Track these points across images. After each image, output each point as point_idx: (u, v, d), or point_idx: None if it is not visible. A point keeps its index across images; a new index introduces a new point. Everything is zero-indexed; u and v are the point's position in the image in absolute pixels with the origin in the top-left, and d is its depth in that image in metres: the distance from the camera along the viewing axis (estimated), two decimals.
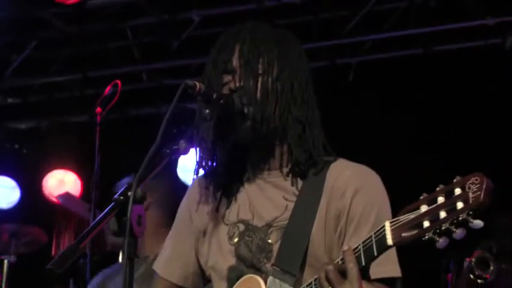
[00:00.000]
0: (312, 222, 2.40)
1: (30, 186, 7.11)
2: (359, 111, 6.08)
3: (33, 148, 7.23)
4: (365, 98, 6.12)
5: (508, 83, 5.72)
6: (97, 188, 4.85)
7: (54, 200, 6.55)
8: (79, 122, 7.02)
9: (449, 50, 5.93)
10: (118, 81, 5.42)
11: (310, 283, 2.26)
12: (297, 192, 2.45)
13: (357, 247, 2.12)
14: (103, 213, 2.12)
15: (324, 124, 2.59)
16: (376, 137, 5.96)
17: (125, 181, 4.18)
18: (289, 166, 2.48)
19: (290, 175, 2.48)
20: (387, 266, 2.37)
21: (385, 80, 6.07)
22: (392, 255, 2.38)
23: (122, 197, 2.11)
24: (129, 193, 2.10)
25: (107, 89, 5.53)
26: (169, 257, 2.68)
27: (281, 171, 2.49)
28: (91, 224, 2.12)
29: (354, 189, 2.41)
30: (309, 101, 2.50)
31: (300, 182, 2.47)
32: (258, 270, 2.43)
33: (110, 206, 2.12)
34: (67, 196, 5.95)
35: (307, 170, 2.47)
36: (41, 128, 7.36)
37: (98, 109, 5.56)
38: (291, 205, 2.44)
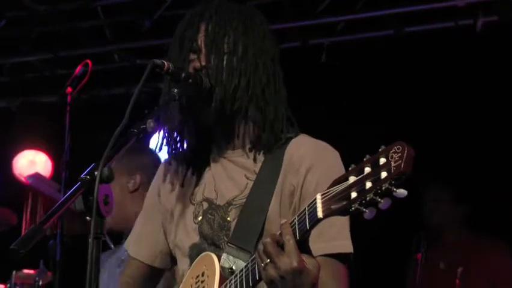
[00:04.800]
0: (270, 199, 2.41)
1: (0, 167, 7.04)
2: (331, 92, 6.09)
3: (4, 128, 7.15)
4: (338, 78, 6.12)
5: (478, 64, 5.74)
6: (67, 169, 4.82)
7: (24, 180, 6.50)
8: (50, 102, 6.96)
9: (420, 31, 5.94)
10: (89, 61, 5.37)
11: (247, 264, 2.25)
12: (257, 170, 2.45)
13: (293, 220, 2.11)
14: (68, 193, 2.10)
15: (296, 104, 2.59)
16: (348, 118, 5.98)
17: None
18: (252, 145, 2.48)
19: (252, 153, 2.48)
20: (338, 241, 2.37)
21: (358, 60, 6.07)
22: (343, 230, 2.38)
23: (88, 177, 2.10)
24: (95, 172, 2.08)
25: (78, 69, 5.48)
26: (138, 236, 2.72)
27: (244, 150, 2.50)
28: (57, 204, 2.10)
29: (308, 166, 2.42)
30: (275, 80, 2.51)
31: (261, 160, 2.47)
32: (218, 248, 2.45)
33: (76, 186, 2.11)
34: (36, 177, 5.90)
35: (270, 148, 2.47)
36: (11, 108, 7.28)
37: (69, 89, 5.51)
38: (251, 183, 2.45)
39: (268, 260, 2.10)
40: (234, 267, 2.35)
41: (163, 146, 2.53)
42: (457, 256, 5.49)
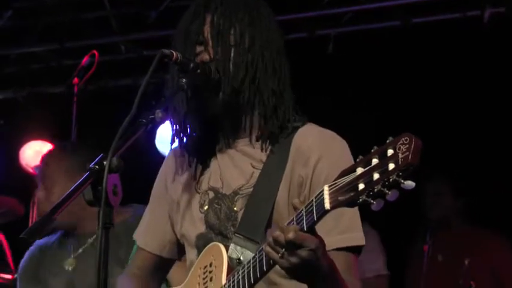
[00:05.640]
0: (277, 189, 2.41)
1: (7, 157, 7.06)
2: (337, 83, 6.08)
3: (10, 119, 7.16)
4: (344, 69, 6.11)
5: (485, 56, 5.73)
6: None
7: (31, 171, 6.51)
8: (56, 92, 6.96)
9: (427, 22, 5.92)
10: (95, 52, 5.38)
11: (255, 255, 2.26)
12: (264, 160, 2.45)
13: (300, 211, 2.10)
14: (77, 183, 2.11)
15: (303, 95, 2.59)
16: (354, 108, 5.97)
17: None
18: (259, 134, 2.48)
19: (259, 143, 2.48)
20: (351, 233, 2.37)
21: (364, 51, 6.06)
22: (355, 222, 2.39)
23: (97, 167, 2.10)
24: (104, 162, 2.09)
25: (84, 60, 5.49)
26: (145, 227, 2.72)
27: (251, 140, 2.50)
28: (66, 194, 2.11)
29: (317, 157, 2.41)
30: (281, 70, 2.50)
31: (268, 149, 2.47)
32: (225, 238, 2.45)
33: (85, 176, 2.11)
34: None
35: (276, 137, 2.47)
36: (18, 98, 7.29)
37: (75, 80, 5.53)
38: (258, 172, 2.45)
39: (284, 249, 2.10)
40: (241, 258, 2.36)
41: (174, 136, 2.52)
42: (458, 249, 5.49)
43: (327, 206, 2.02)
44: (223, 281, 2.35)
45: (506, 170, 5.73)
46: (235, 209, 2.47)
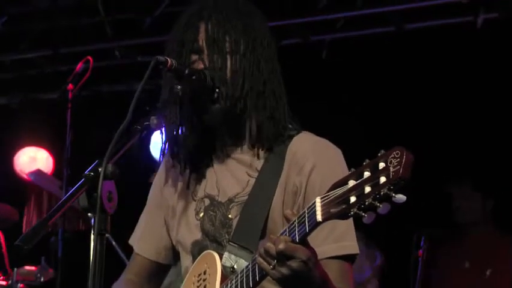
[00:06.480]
0: (272, 197, 2.41)
1: (1, 163, 7.05)
2: (332, 88, 6.09)
3: (5, 125, 7.16)
4: (338, 75, 6.12)
5: (479, 61, 5.75)
6: (68, 165, 4.83)
7: (25, 177, 6.51)
8: (51, 98, 6.96)
9: (420, 28, 5.94)
10: (90, 58, 5.37)
11: (248, 264, 2.27)
12: (260, 168, 2.46)
13: (292, 222, 2.12)
14: (72, 190, 2.11)
15: (297, 101, 2.59)
16: (348, 114, 5.98)
17: None
18: (255, 142, 2.48)
19: (254, 151, 2.48)
20: (346, 242, 2.38)
21: (359, 57, 6.07)
22: (349, 231, 2.39)
23: (92, 173, 2.10)
24: (99, 169, 2.09)
25: (79, 66, 5.49)
26: (142, 232, 2.72)
27: (246, 148, 2.50)
28: (61, 201, 2.11)
29: (311, 165, 2.41)
30: (275, 76, 2.50)
31: (264, 157, 2.48)
32: (220, 245, 2.45)
33: (80, 183, 2.11)
34: (38, 173, 5.92)
35: (272, 145, 2.47)
36: (13, 104, 7.28)
37: (70, 86, 5.52)
38: (253, 181, 2.45)
39: (276, 261, 2.11)
40: (235, 266, 2.36)
41: (166, 143, 2.52)
42: (483, 254, 5.50)
43: (319, 218, 2.03)
44: None
45: None
46: (229, 216, 2.46)
